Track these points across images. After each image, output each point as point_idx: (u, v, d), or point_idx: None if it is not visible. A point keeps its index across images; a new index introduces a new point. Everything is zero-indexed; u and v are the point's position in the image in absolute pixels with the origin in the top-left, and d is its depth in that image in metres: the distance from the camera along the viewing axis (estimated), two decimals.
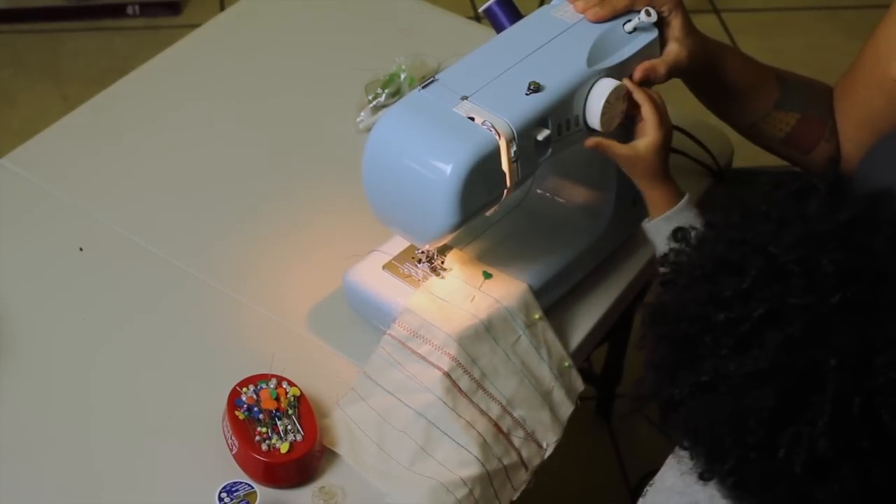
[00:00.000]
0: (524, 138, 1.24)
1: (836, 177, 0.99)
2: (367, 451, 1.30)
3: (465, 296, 1.37)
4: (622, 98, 1.32)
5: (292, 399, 1.29)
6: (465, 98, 1.25)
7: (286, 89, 1.77)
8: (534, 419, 1.35)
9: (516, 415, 1.34)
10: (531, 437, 1.35)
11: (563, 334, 1.42)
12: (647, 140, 1.32)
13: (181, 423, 1.32)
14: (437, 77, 1.28)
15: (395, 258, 1.40)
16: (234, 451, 1.27)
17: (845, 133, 1.46)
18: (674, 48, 1.37)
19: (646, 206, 1.36)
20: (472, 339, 1.33)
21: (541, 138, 1.26)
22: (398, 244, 1.41)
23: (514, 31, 1.38)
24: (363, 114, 1.70)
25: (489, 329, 1.35)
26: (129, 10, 3.15)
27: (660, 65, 1.35)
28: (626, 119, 1.34)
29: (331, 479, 1.28)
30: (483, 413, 1.32)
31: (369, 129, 1.28)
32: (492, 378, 1.34)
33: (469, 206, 1.23)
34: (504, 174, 1.24)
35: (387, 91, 1.70)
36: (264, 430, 1.26)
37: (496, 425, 1.32)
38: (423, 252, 1.39)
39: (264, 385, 1.30)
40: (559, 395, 1.38)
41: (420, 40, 1.82)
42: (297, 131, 1.70)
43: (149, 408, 1.34)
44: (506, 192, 1.27)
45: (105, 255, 1.51)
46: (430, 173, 1.22)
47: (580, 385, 1.42)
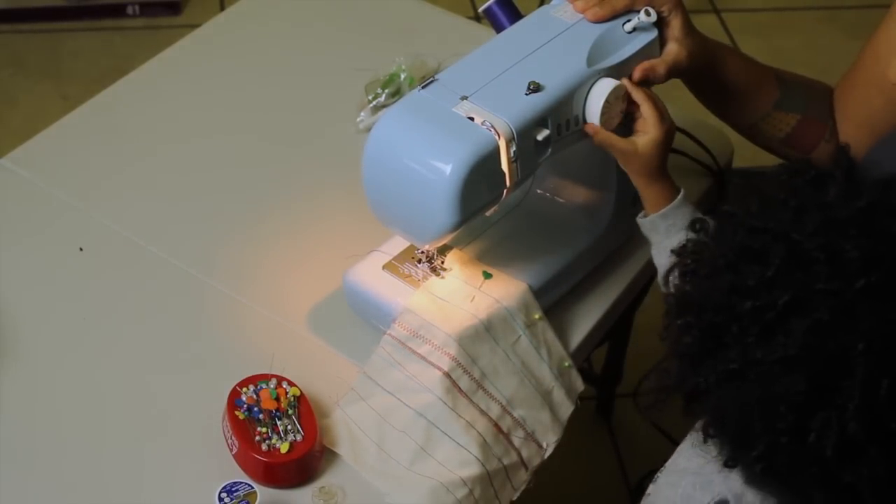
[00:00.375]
0: (524, 138, 1.24)
1: (849, 164, 1.00)
2: (367, 451, 1.30)
3: (465, 296, 1.37)
4: (622, 98, 1.32)
5: (292, 399, 1.29)
6: (465, 98, 1.25)
7: (286, 89, 1.77)
8: (534, 419, 1.35)
9: (516, 415, 1.34)
10: (531, 437, 1.35)
11: (563, 334, 1.42)
12: (646, 136, 1.32)
13: (181, 423, 1.32)
14: (436, 77, 1.28)
15: (395, 258, 1.40)
16: (234, 451, 1.27)
17: (845, 133, 1.46)
18: (673, 48, 1.37)
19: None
20: (472, 339, 1.33)
21: (540, 138, 1.26)
22: (398, 244, 1.41)
23: (513, 31, 1.38)
24: (363, 114, 1.69)
25: (489, 329, 1.34)
26: (129, 10, 3.14)
27: (659, 65, 1.35)
28: (626, 118, 1.34)
29: (331, 479, 1.28)
30: (483, 413, 1.32)
31: (369, 129, 1.28)
32: (492, 378, 1.34)
33: (469, 206, 1.23)
34: (504, 174, 1.24)
35: (387, 91, 1.70)
36: (264, 430, 1.26)
37: (496, 425, 1.32)
38: (422, 252, 1.39)
39: (264, 385, 1.30)
40: (559, 395, 1.38)
41: (420, 40, 1.82)
42: (297, 131, 1.70)
43: (149, 407, 1.34)
44: (506, 192, 1.27)
45: (105, 255, 1.51)
46: (430, 173, 1.22)
47: (580, 385, 1.42)
